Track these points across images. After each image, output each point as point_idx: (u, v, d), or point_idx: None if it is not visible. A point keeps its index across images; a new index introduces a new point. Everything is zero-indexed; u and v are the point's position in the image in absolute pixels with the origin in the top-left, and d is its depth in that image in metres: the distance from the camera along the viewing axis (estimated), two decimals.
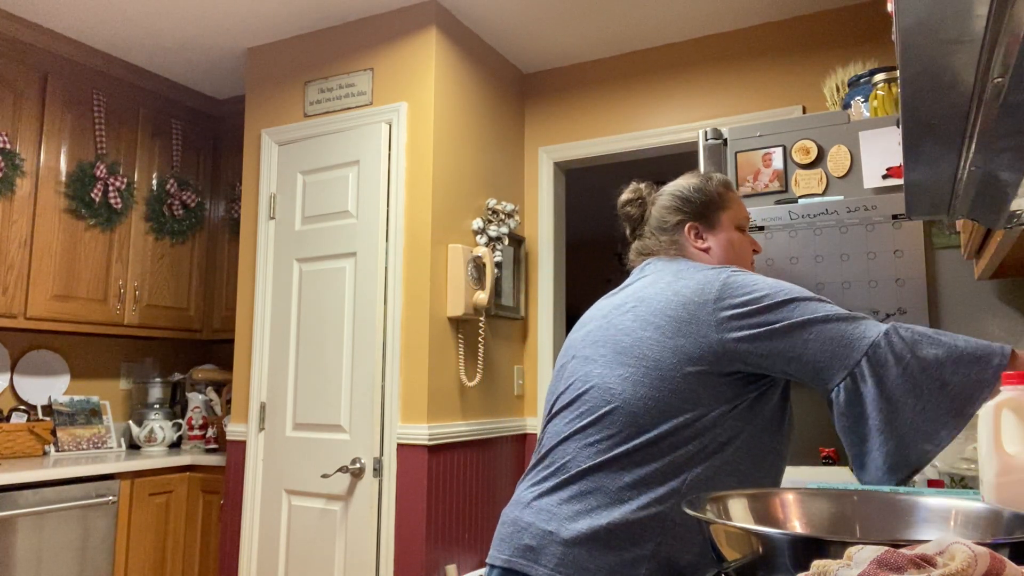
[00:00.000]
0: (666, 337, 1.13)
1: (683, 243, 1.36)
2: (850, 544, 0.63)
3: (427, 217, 2.75)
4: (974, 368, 1.03)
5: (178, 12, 2.95)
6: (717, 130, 2.03)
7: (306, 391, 2.85)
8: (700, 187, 1.38)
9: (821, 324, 1.09)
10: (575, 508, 1.08)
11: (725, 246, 1.35)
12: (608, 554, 1.04)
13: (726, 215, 1.37)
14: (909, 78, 0.69)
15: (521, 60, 3.37)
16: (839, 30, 2.89)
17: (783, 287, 1.15)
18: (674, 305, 1.16)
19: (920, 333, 1.07)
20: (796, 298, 1.13)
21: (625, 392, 1.12)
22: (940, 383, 1.04)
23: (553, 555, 1.06)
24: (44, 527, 2.62)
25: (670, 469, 1.08)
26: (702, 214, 1.37)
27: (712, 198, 1.38)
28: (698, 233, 1.36)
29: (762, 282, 1.17)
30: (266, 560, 2.85)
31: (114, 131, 3.32)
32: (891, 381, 1.05)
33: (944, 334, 1.07)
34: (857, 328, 1.09)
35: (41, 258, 2.99)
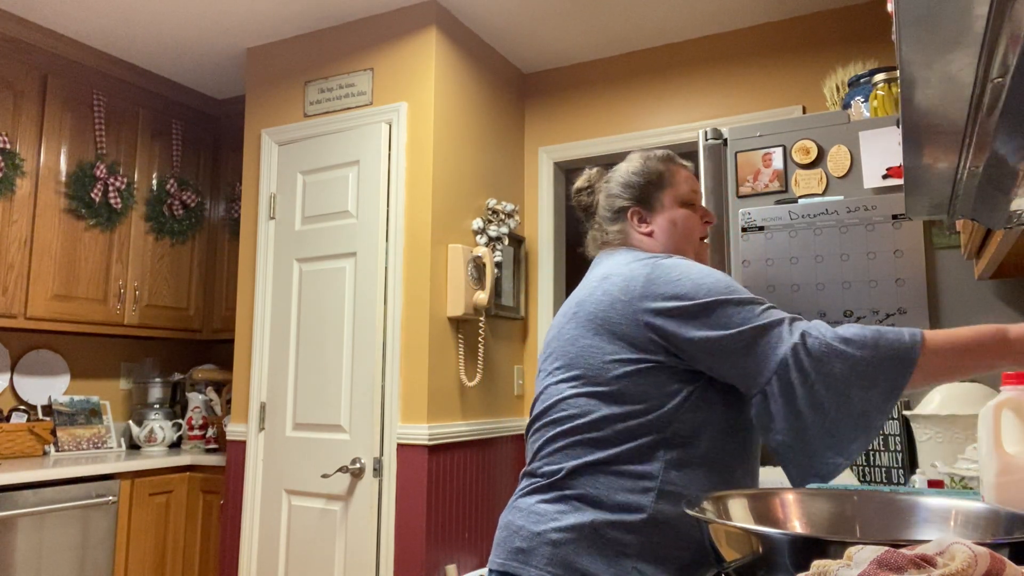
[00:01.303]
0: (603, 341, 1.17)
1: (628, 230, 1.35)
2: (850, 544, 0.63)
3: (427, 217, 2.75)
4: (881, 378, 1.02)
5: (178, 12, 2.95)
6: (717, 130, 2.03)
7: (306, 391, 2.85)
8: (639, 169, 1.36)
9: (733, 340, 1.09)
10: (561, 508, 1.12)
11: (667, 228, 1.32)
12: (595, 551, 1.08)
13: (667, 194, 1.34)
14: (909, 78, 0.69)
15: (521, 60, 3.37)
16: (839, 30, 2.89)
17: (704, 285, 1.13)
18: (604, 306, 1.19)
19: (827, 345, 1.04)
20: (715, 300, 1.11)
21: (579, 402, 1.17)
22: (845, 399, 1.02)
23: (543, 555, 1.10)
24: (44, 527, 2.62)
25: (643, 464, 1.11)
26: (642, 198, 1.34)
27: (651, 179, 1.34)
28: (641, 218, 1.34)
29: (685, 278, 1.15)
30: (266, 560, 2.85)
31: (114, 131, 3.32)
32: (798, 399, 1.04)
33: (856, 337, 1.04)
34: (768, 343, 1.07)
35: (41, 258, 2.99)
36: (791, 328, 1.08)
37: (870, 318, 1.79)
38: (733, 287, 1.14)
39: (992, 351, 1.01)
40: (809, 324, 1.08)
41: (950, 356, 1.02)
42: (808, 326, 1.07)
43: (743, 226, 1.96)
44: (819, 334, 1.05)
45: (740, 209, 1.97)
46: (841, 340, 1.04)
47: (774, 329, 1.08)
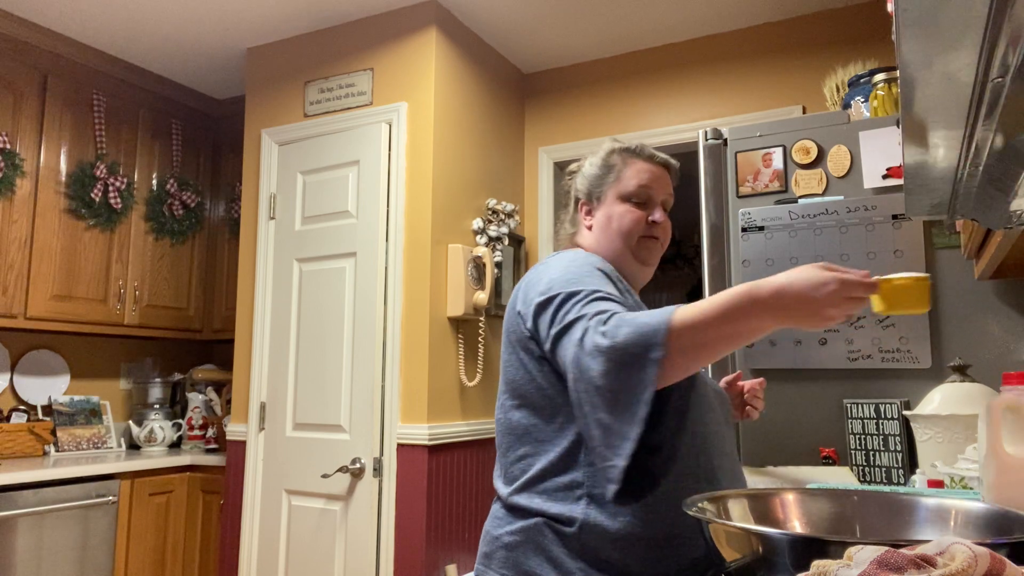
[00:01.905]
0: (512, 353, 1.21)
1: (578, 222, 1.34)
2: (850, 544, 0.63)
3: (427, 217, 2.75)
4: (630, 374, 0.96)
5: (178, 12, 2.95)
6: (717, 130, 2.03)
7: (306, 391, 2.85)
8: (598, 160, 1.33)
9: (551, 343, 1.10)
10: (511, 516, 1.17)
11: (603, 224, 1.29)
12: (541, 554, 1.12)
13: (612, 188, 1.30)
14: (909, 78, 0.69)
15: (521, 60, 3.37)
16: (839, 30, 2.89)
17: (553, 280, 1.14)
18: (508, 319, 1.24)
19: (594, 346, 0.99)
20: (547, 299, 1.12)
21: (506, 417, 1.21)
22: (600, 400, 0.99)
23: (499, 559, 1.16)
24: (44, 527, 2.62)
25: (568, 473, 1.12)
26: (590, 191, 1.32)
27: (602, 171, 1.31)
28: (588, 210, 1.33)
29: (545, 276, 1.16)
30: (266, 560, 2.85)
31: (114, 131, 3.32)
32: (582, 403, 1.02)
33: (617, 328, 0.98)
34: (564, 348, 1.06)
35: (41, 258, 2.99)
36: (584, 324, 1.03)
37: (870, 318, 1.79)
38: (573, 280, 1.12)
39: (746, 311, 0.95)
40: (595, 320, 1.02)
41: (703, 330, 0.95)
42: (592, 323, 1.02)
43: (743, 226, 1.96)
44: (593, 330, 1.01)
45: (740, 209, 1.97)
46: (606, 336, 0.99)
47: (570, 329, 1.06)
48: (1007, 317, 1.70)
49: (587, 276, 1.13)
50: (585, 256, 1.21)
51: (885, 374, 1.78)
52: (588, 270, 1.15)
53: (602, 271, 1.18)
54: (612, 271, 1.22)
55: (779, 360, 1.86)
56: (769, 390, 1.86)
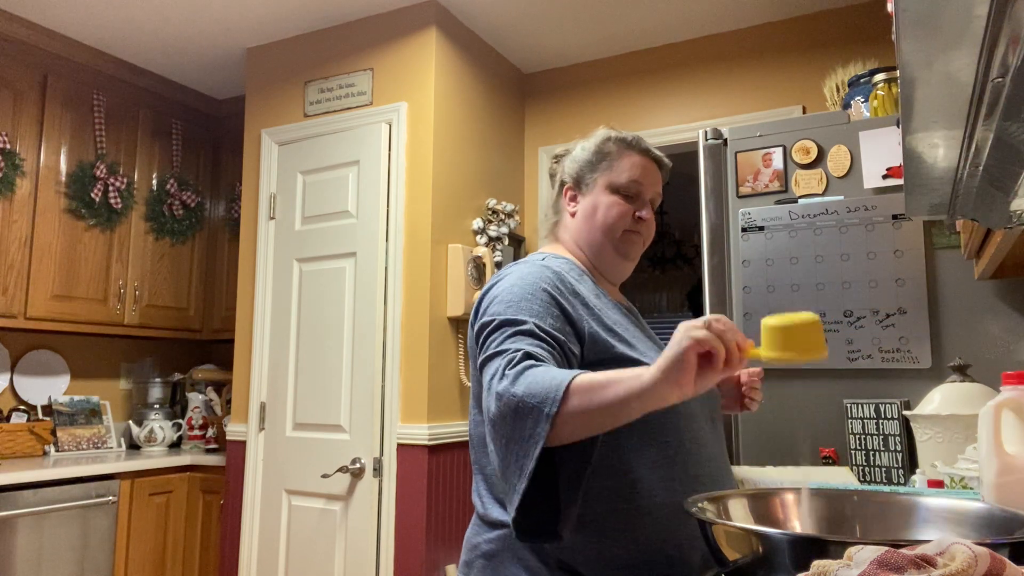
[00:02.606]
0: (474, 365, 1.18)
1: (561, 210, 1.32)
2: (850, 544, 0.63)
3: (427, 217, 2.75)
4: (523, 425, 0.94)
5: (178, 12, 2.95)
6: (717, 130, 2.03)
7: (306, 391, 2.85)
8: (591, 145, 1.29)
9: (477, 369, 1.09)
10: (486, 526, 1.16)
11: (588, 211, 1.26)
12: (518, 562, 1.10)
13: (603, 176, 1.26)
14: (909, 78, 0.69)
15: (521, 60, 3.37)
16: (839, 30, 2.89)
17: (496, 300, 1.11)
18: (470, 332, 1.22)
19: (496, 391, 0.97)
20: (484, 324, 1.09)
21: (473, 431, 1.21)
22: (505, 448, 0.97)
23: (478, 568, 1.15)
24: (44, 527, 2.62)
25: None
26: (579, 176, 1.29)
27: (594, 158, 1.28)
28: (573, 196, 1.30)
29: (488, 296, 1.14)
30: (266, 560, 2.85)
31: (114, 131, 3.32)
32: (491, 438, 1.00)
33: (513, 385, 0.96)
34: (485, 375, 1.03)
35: (41, 258, 2.99)
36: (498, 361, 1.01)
37: (870, 318, 1.79)
38: (512, 303, 1.08)
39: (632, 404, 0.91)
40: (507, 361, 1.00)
41: (586, 418, 0.92)
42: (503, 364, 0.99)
43: (743, 226, 1.96)
44: (500, 372, 0.99)
45: (740, 209, 1.97)
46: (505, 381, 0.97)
47: (488, 363, 1.04)
48: (1007, 317, 1.70)
49: (528, 300, 1.09)
50: (540, 271, 1.15)
51: (885, 374, 1.78)
52: (533, 291, 1.10)
53: (550, 293, 1.11)
54: (569, 286, 1.16)
55: None
56: (769, 390, 1.86)
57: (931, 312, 1.75)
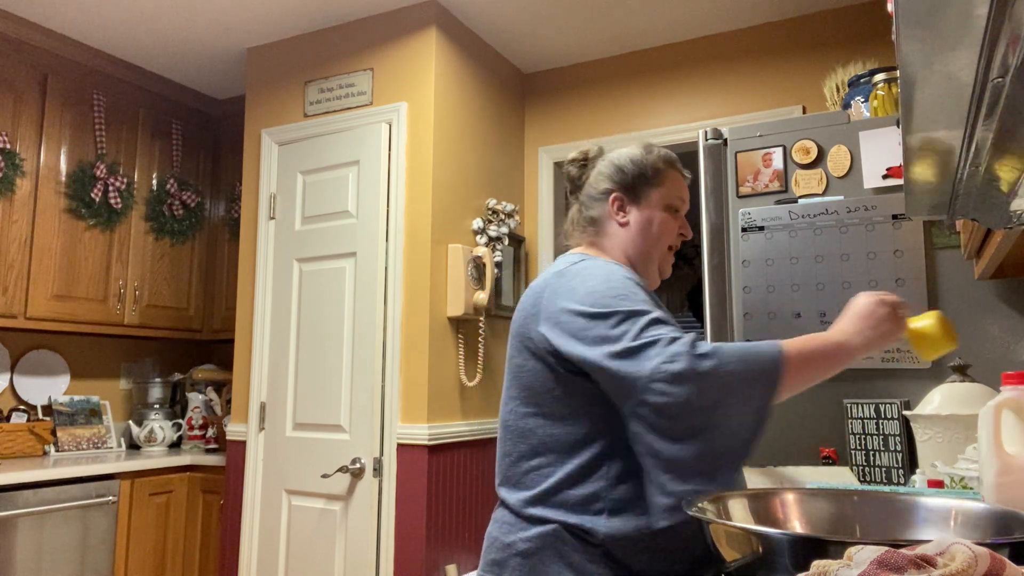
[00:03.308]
0: (526, 358, 1.18)
1: (605, 216, 1.31)
2: (850, 544, 0.63)
3: (427, 217, 2.75)
4: (748, 396, 0.99)
5: (178, 12, 2.95)
6: (717, 130, 2.03)
7: (306, 391, 2.85)
8: (637, 158, 1.32)
9: (609, 359, 1.05)
10: (526, 523, 1.14)
11: (644, 224, 1.29)
12: (561, 561, 1.09)
13: (657, 192, 1.30)
14: (909, 78, 0.69)
15: (521, 60, 3.37)
16: (839, 30, 2.89)
17: (596, 293, 1.11)
18: (521, 322, 1.21)
19: (692, 367, 1.00)
20: (598, 313, 1.09)
21: (518, 424, 1.19)
22: (711, 420, 1.00)
23: (514, 567, 1.13)
24: (44, 527, 2.62)
25: (587, 485, 1.11)
26: (631, 186, 1.30)
27: (645, 171, 1.31)
28: (621, 205, 1.31)
29: (581, 287, 1.13)
30: (266, 560, 2.85)
31: (114, 131, 3.32)
32: (664, 423, 1.01)
33: (724, 356, 1.00)
34: (635, 368, 1.02)
35: (41, 258, 2.99)
36: (662, 348, 1.02)
37: None
38: (625, 296, 1.10)
39: (837, 359, 1.06)
40: (680, 343, 1.02)
41: (805, 369, 1.03)
42: (677, 347, 1.02)
43: (743, 226, 1.96)
44: (686, 354, 1.01)
45: (740, 209, 1.97)
46: (708, 360, 1.00)
47: (644, 350, 1.03)
48: (1007, 317, 1.70)
49: (635, 294, 1.10)
50: (620, 269, 1.18)
51: (885, 374, 1.78)
52: (634, 288, 1.12)
53: (643, 288, 1.15)
54: (645, 287, 1.19)
55: None
56: None
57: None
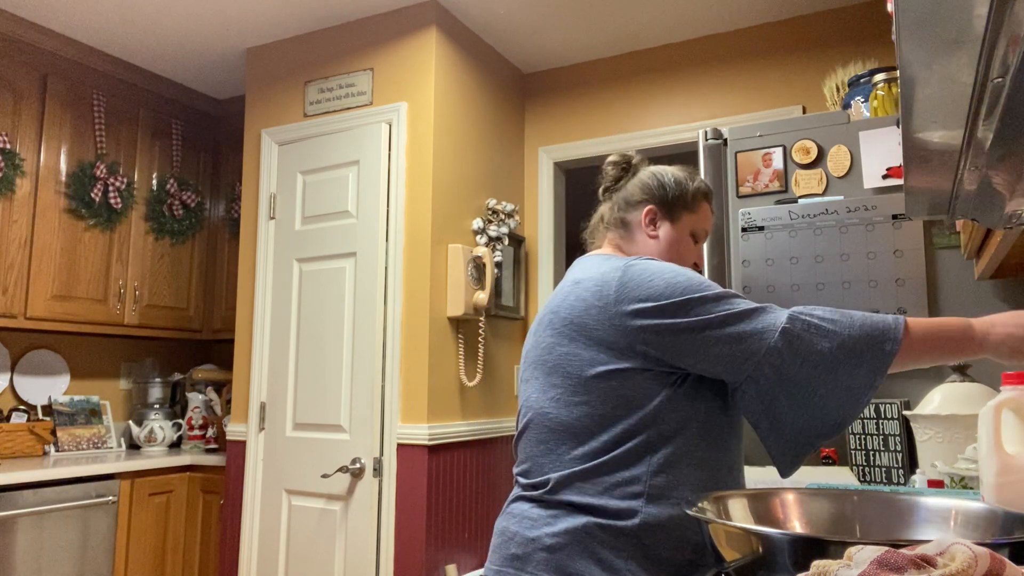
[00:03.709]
0: (580, 348, 1.17)
1: (635, 224, 1.36)
2: (850, 544, 0.63)
3: (427, 217, 2.75)
4: (867, 355, 1.06)
5: (178, 12, 2.95)
6: (717, 130, 2.03)
7: (306, 391, 2.85)
8: (680, 180, 1.36)
9: (718, 328, 1.10)
10: (553, 514, 1.14)
11: (671, 242, 1.34)
12: (588, 556, 1.08)
13: (689, 217, 1.36)
14: (909, 78, 0.69)
15: (521, 60, 3.37)
16: (839, 30, 2.89)
17: (679, 282, 1.15)
18: (579, 312, 1.19)
19: (813, 324, 1.08)
20: (692, 297, 1.13)
21: (561, 413, 1.17)
22: (832, 377, 1.06)
23: (538, 561, 1.11)
24: (44, 527, 2.62)
25: (629, 469, 1.11)
26: (668, 203, 1.35)
27: (685, 197, 1.36)
28: (654, 219, 1.35)
29: (658, 276, 1.16)
30: (266, 560, 2.85)
31: (114, 131, 3.32)
32: (785, 381, 1.07)
33: (842, 317, 1.08)
34: (754, 329, 1.09)
35: (41, 258, 2.99)
36: (773, 314, 1.10)
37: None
38: (706, 284, 1.15)
39: (959, 344, 1.08)
40: (791, 309, 1.10)
41: (926, 343, 1.07)
42: (790, 310, 1.10)
43: (743, 226, 1.96)
44: (804, 315, 1.08)
45: (740, 209, 1.97)
46: (826, 320, 1.08)
47: (756, 316, 1.10)
48: None
49: (706, 281, 1.17)
50: (664, 263, 1.23)
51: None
52: (700, 278, 1.18)
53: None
54: None
55: None
56: None
57: (931, 312, 1.75)
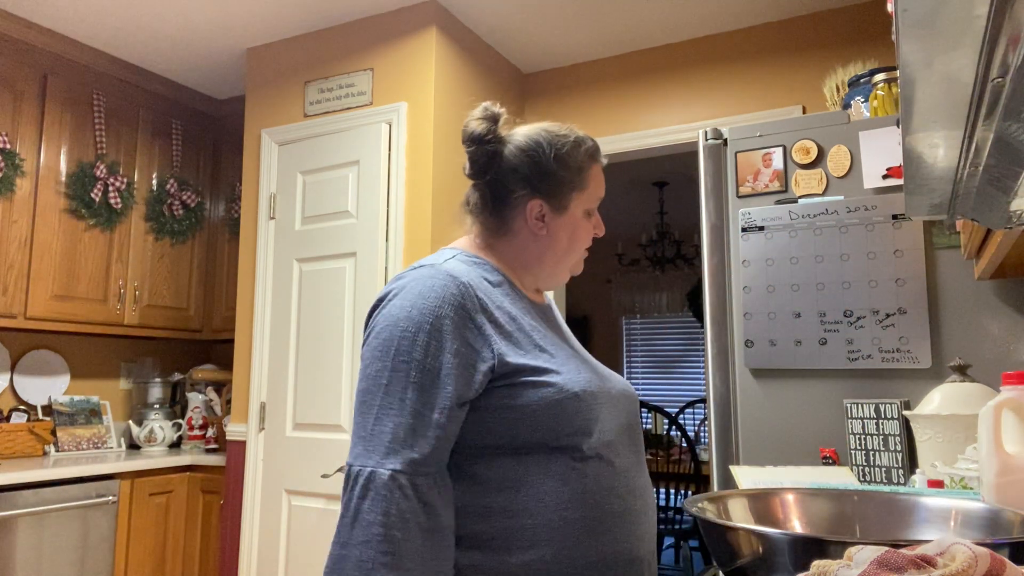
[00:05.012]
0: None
1: (517, 222, 1.12)
2: (850, 544, 0.63)
3: (427, 217, 2.75)
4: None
5: (178, 12, 2.96)
6: (717, 130, 2.03)
7: (306, 391, 2.85)
8: (563, 155, 1.09)
9: (356, 409, 0.97)
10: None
11: (562, 238, 1.11)
12: None
13: (579, 198, 1.11)
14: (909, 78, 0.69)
15: (521, 60, 3.37)
16: (839, 30, 2.89)
17: (384, 333, 0.98)
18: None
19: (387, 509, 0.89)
20: (368, 360, 0.99)
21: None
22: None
23: None
24: (44, 527, 2.62)
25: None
26: (553, 191, 1.09)
27: (571, 173, 1.10)
28: (541, 214, 1.10)
29: (385, 315, 1.00)
30: (266, 560, 2.85)
31: (114, 131, 3.32)
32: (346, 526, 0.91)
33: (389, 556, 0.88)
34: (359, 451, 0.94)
35: (41, 258, 2.99)
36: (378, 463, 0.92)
37: (870, 318, 1.79)
38: (404, 363, 0.95)
39: None
40: (392, 468, 0.91)
41: None
42: (387, 475, 0.90)
43: (743, 226, 1.96)
44: (389, 483, 0.90)
45: (740, 209, 1.97)
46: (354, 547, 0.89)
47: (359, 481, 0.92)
48: (1007, 317, 1.70)
49: (422, 351, 0.95)
50: (443, 288, 0.99)
51: (885, 374, 1.78)
52: (432, 320, 0.96)
53: (452, 322, 0.97)
54: (477, 302, 1.01)
55: (779, 360, 1.86)
56: (769, 390, 1.86)
57: (931, 312, 1.75)
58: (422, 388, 0.94)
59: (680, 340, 6.89)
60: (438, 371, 0.95)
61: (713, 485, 1.89)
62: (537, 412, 0.97)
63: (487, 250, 1.15)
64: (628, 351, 7.09)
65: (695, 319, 6.78)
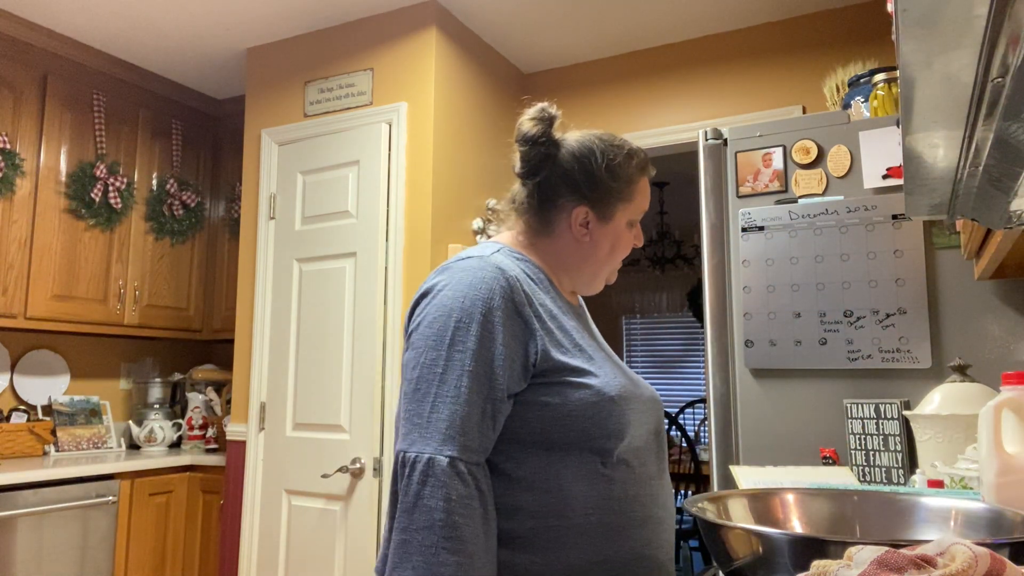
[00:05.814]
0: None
1: (561, 226, 1.13)
2: (850, 544, 0.63)
3: (427, 217, 2.75)
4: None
5: (178, 12, 2.95)
6: (717, 130, 2.03)
7: (306, 391, 2.85)
8: (615, 166, 1.11)
9: (408, 397, 0.98)
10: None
11: (604, 246, 1.13)
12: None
13: (625, 209, 1.13)
14: (909, 78, 0.69)
15: (521, 60, 3.37)
16: (839, 30, 2.89)
17: (435, 322, 0.99)
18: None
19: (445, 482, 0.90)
20: (422, 348, 0.99)
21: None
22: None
23: None
24: (44, 527, 2.62)
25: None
26: (601, 200, 1.11)
27: (620, 184, 1.12)
28: (586, 221, 1.12)
29: (433, 304, 1.01)
30: (266, 560, 2.85)
31: (114, 131, 3.32)
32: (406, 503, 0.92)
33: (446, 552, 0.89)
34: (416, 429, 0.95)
35: (41, 258, 2.99)
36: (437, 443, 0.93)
37: (870, 318, 1.79)
38: (456, 347, 0.96)
39: None
40: (451, 454, 0.91)
41: None
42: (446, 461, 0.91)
43: (743, 226, 1.96)
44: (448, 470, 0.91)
45: (740, 209, 1.97)
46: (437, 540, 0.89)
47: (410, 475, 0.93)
48: (1007, 317, 1.70)
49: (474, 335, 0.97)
50: (493, 279, 1.00)
51: (885, 374, 1.78)
52: (485, 311, 0.97)
53: (502, 314, 0.98)
54: (524, 296, 1.02)
55: (779, 360, 1.86)
56: (769, 390, 1.86)
57: (931, 312, 1.75)
58: (476, 377, 0.95)
59: (680, 340, 6.89)
60: (491, 361, 0.96)
61: (713, 485, 1.89)
62: (574, 412, 0.98)
63: (529, 248, 1.16)
64: (628, 351, 7.09)
65: (695, 319, 6.79)
